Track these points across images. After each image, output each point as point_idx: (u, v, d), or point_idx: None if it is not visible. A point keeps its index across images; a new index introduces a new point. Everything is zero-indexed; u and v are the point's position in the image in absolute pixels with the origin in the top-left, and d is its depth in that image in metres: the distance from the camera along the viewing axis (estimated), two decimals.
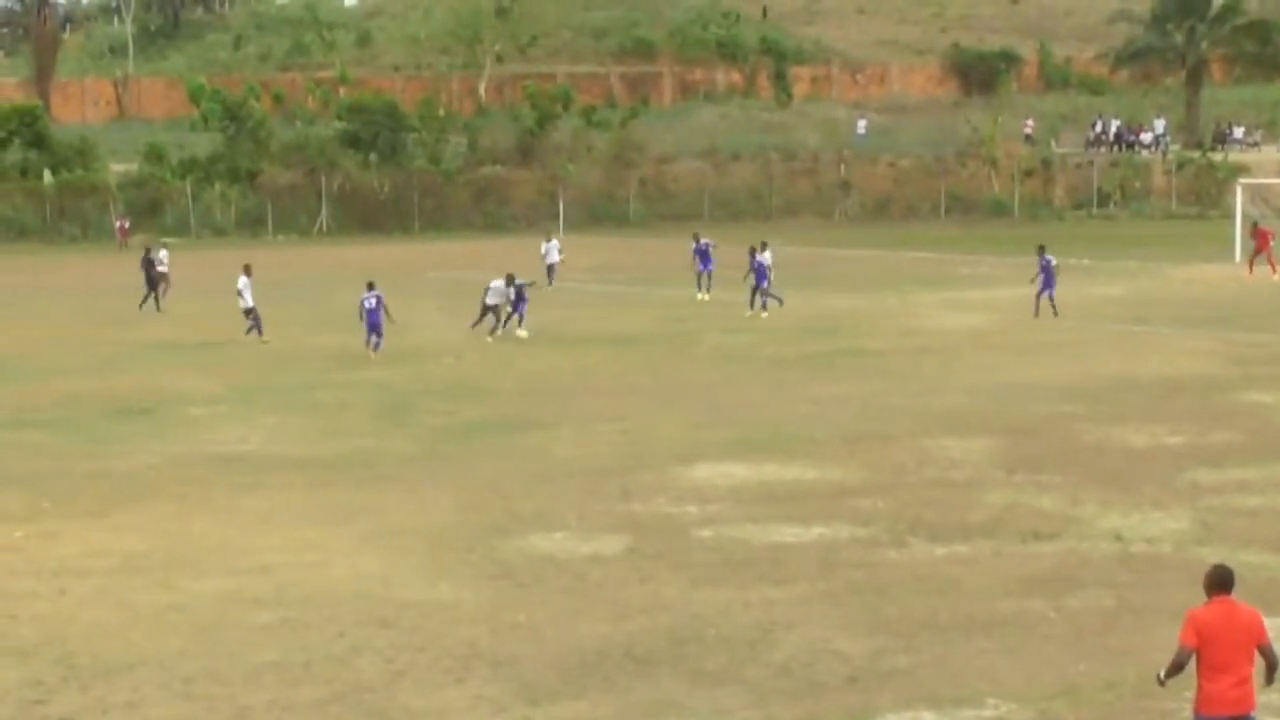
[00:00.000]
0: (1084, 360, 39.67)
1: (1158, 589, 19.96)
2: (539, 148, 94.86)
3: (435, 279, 61.76)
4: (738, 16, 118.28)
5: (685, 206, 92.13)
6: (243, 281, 45.09)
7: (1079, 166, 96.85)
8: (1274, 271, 58.27)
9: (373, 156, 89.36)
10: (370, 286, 42.34)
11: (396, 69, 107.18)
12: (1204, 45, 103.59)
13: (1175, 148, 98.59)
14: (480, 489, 26.56)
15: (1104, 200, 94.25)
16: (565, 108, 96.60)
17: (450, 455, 29.58)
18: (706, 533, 23.45)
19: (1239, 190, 69.34)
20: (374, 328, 41.92)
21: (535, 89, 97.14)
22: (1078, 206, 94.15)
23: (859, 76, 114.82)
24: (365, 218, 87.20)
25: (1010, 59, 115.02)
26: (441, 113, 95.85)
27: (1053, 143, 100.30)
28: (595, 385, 37.46)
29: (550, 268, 58.58)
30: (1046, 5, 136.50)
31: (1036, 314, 46.75)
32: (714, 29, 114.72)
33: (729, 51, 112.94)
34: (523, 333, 44.68)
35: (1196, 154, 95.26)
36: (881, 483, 26.57)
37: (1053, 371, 38.01)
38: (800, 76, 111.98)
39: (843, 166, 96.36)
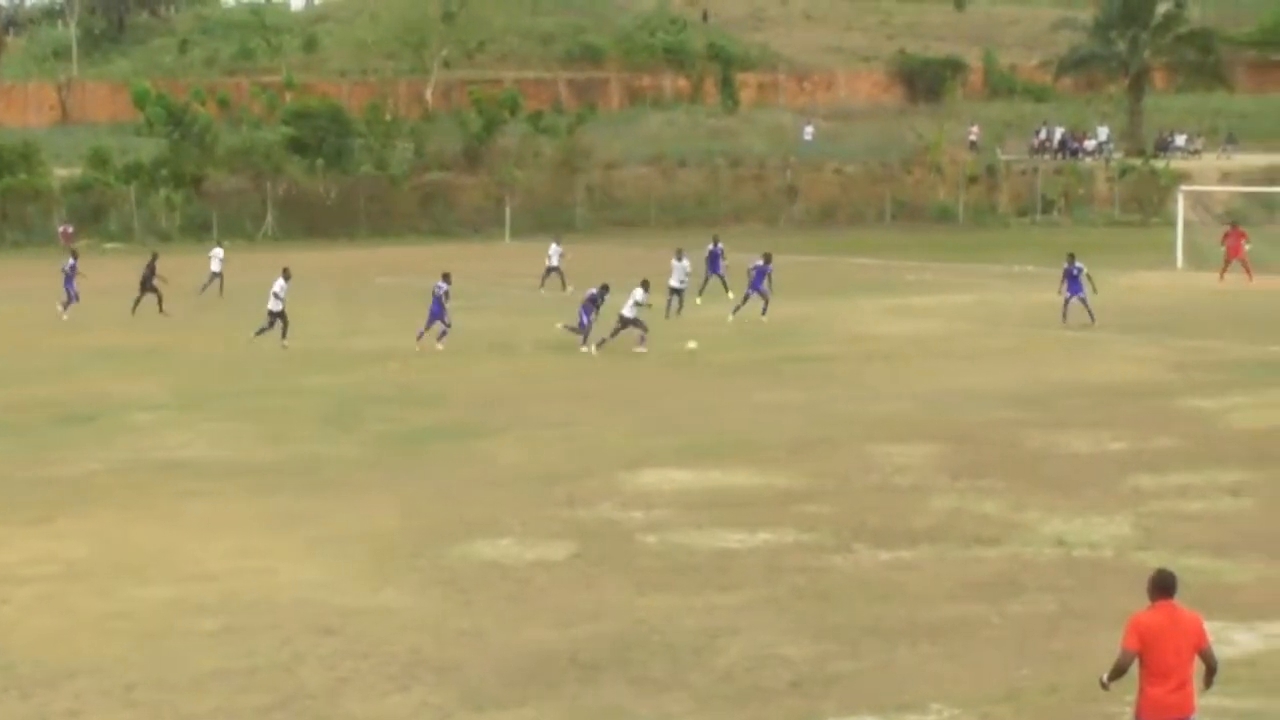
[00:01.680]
0: (1028, 366, 39.85)
1: (1100, 594, 20.07)
2: (486, 153, 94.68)
3: (383, 285, 61.59)
4: (685, 23, 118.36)
5: (632, 213, 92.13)
6: (280, 284, 44.74)
7: (1023, 173, 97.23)
8: (1249, 277, 58.62)
9: (319, 162, 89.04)
10: (446, 278, 43.60)
11: (343, 74, 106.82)
12: (1146, 54, 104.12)
13: (1118, 155, 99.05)
14: (426, 495, 26.54)
15: (1048, 207, 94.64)
16: (512, 113, 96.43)
17: (396, 462, 29.54)
18: (651, 539, 23.48)
19: (1180, 198, 69.69)
20: (436, 316, 43.17)
21: (482, 94, 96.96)
22: (1022, 213, 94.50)
23: (806, 83, 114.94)
24: (311, 223, 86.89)
25: (956, 66, 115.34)
26: (388, 118, 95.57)
27: (997, 150, 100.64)
28: (542, 391, 37.45)
29: (550, 270, 58.82)
30: (992, 13, 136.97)
31: (1065, 320, 46.66)
32: (661, 35, 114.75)
33: (676, 58, 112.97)
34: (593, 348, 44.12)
35: (1139, 161, 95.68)
36: (826, 488, 26.66)
37: (997, 378, 38.17)
38: (747, 83, 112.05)
39: (789, 173, 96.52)
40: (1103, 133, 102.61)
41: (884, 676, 17.52)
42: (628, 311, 42.83)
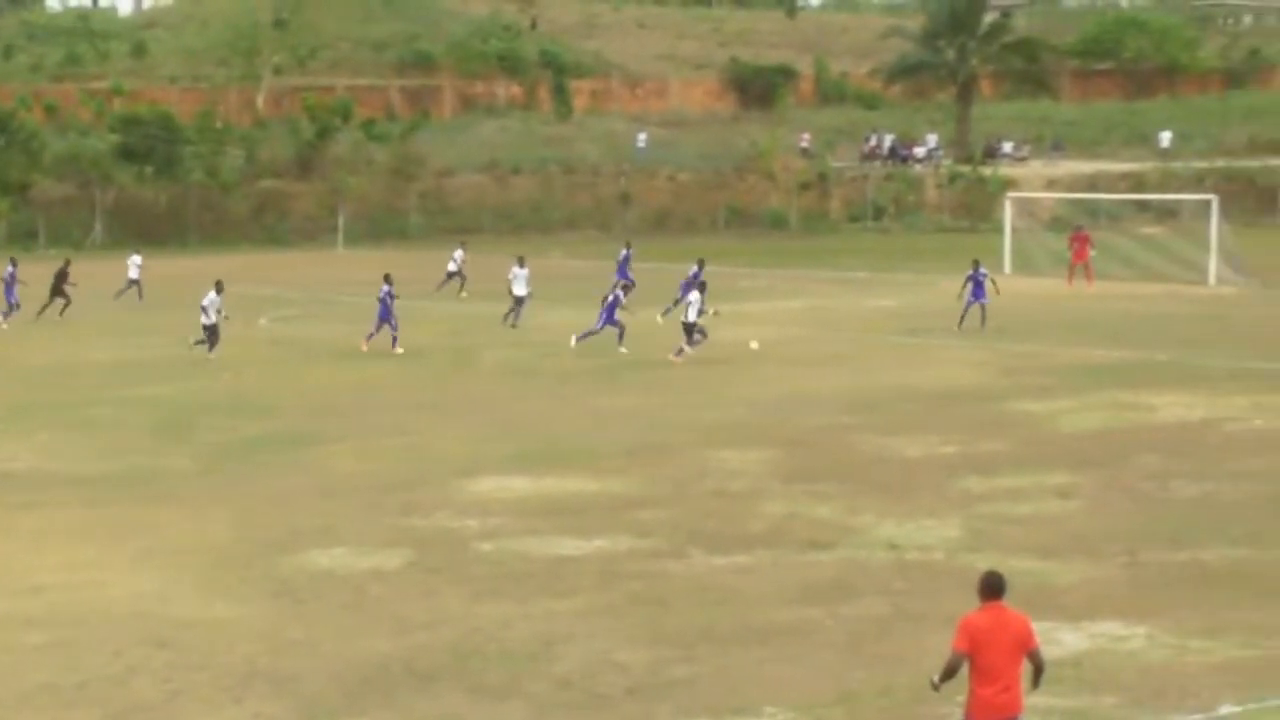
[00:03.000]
0: (860, 372, 40.25)
1: (931, 596, 20.33)
2: (318, 160, 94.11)
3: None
4: (518, 30, 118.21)
5: (466, 220, 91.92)
6: (210, 298, 44.00)
7: (854, 180, 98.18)
8: (1090, 283, 59.51)
9: (148, 169, 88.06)
10: (388, 279, 44.09)
11: (173, 81, 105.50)
12: (974, 62, 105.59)
13: (947, 162, 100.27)
14: (260, 505, 26.36)
15: (879, 213, 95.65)
16: (345, 120, 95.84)
17: (230, 472, 29.31)
18: (487, 546, 23.48)
19: (1008, 204, 70.72)
20: (384, 319, 43.95)
21: (314, 101, 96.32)
22: (853, 219, 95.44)
23: (638, 90, 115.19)
24: (141, 231, 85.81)
25: (787, 74, 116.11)
26: (219, 125, 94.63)
27: (829, 157, 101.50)
28: (378, 400, 37.32)
29: (450, 275, 58.99)
30: (823, 21, 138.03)
31: (961, 324, 47.40)
32: (494, 42, 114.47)
33: (509, 65, 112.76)
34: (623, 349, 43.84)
35: (967, 168, 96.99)
36: (662, 494, 26.78)
37: (830, 383, 38.53)
38: (580, 90, 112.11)
39: (623, 180, 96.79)
40: (932, 140, 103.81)
41: (719, 681, 17.64)
42: (691, 317, 42.71)
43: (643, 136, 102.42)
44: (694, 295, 43.09)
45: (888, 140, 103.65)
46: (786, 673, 17.89)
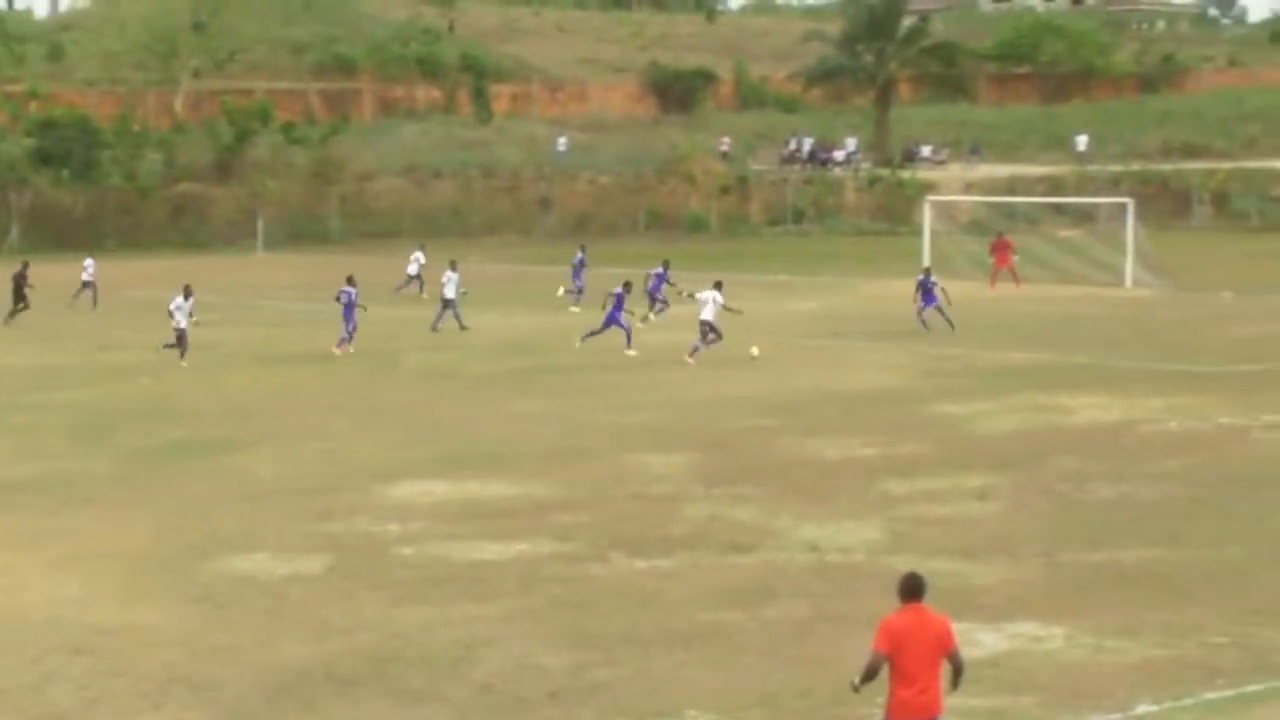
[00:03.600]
0: (781, 375, 40.37)
1: (852, 598, 20.42)
2: (238, 165, 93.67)
3: (133, 297, 60.55)
4: (438, 34, 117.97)
5: (387, 224, 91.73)
6: (177, 302, 43.60)
7: (774, 184, 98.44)
8: (1018, 284, 59.82)
9: (65, 173, 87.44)
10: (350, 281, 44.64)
11: (90, 84, 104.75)
12: (892, 66, 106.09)
13: (866, 165, 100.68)
14: (180, 510, 26.23)
15: (799, 217, 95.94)
16: (264, 124, 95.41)
17: (149, 477, 29.16)
18: (408, 551, 23.45)
19: (927, 207, 70.99)
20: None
21: (233, 105, 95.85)
22: (773, 223, 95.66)
23: (559, 94, 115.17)
24: (59, 235, 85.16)
25: (707, 77, 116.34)
26: (137, 129, 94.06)
27: (749, 160, 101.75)
28: (298, 405, 37.18)
29: (410, 279, 58.91)
30: (742, 25, 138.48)
31: (926, 327, 47.82)
32: (414, 46, 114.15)
33: (429, 69, 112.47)
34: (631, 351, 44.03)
35: (886, 172, 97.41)
36: (582, 498, 26.80)
37: (750, 386, 38.64)
38: (500, 94, 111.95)
39: (543, 184, 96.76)
40: (851, 143, 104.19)
41: (641, 684, 17.68)
42: (707, 315, 42.80)
43: (563, 140, 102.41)
44: (710, 294, 43.30)
45: (807, 144, 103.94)
46: (708, 675, 17.93)
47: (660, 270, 52.47)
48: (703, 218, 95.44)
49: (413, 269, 60.77)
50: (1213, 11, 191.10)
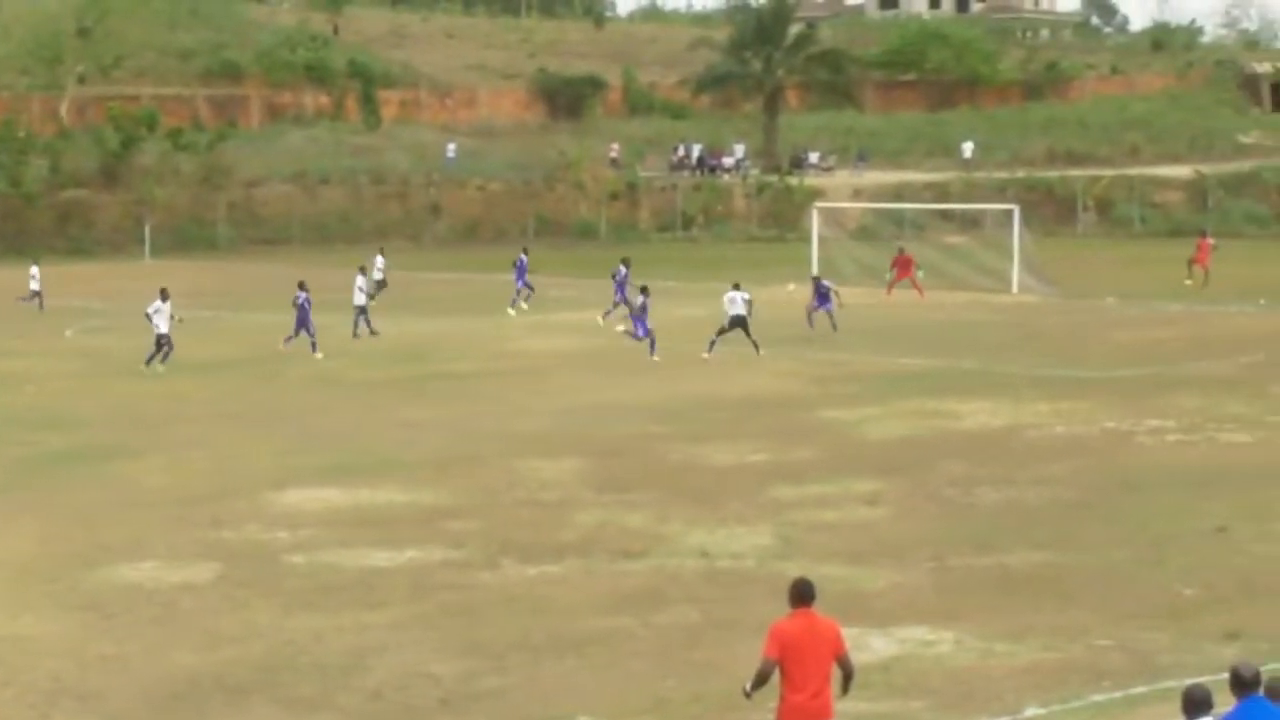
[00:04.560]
0: (670, 381, 40.46)
1: (742, 603, 20.50)
2: (124, 170, 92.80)
3: (20, 306, 59.83)
4: (326, 40, 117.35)
5: (275, 230, 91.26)
6: (155, 305, 43.09)
7: (663, 190, 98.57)
8: (920, 295, 60.13)
9: None
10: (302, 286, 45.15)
11: None
12: (780, 73, 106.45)
13: (755, 172, 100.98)
14: (66, 519, 26.00)
15: (688, 223, 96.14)
16: (151, 130, 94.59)
17: (34, 486, 28.88)
18: (298, 558, 23.35)
19: (815, 214, 71.27)
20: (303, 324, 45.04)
21: (119, 111, 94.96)
22: (663, 229, 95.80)
23: (448, 100, 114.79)
24: None
25: (596, 84, 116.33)
26: (21, 134, 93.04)
27: (638, 167, 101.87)
28: (185, 413, 36.92)
29: (376, 284, 58.95)
30: (630, 32, 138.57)
31: (811, 326, 49.66)
32: (302, 52, 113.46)
33: (317, 75, 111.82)
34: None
35: (775, 178, 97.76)
36: (473, 505, 26.78)
37: (640, 392, 38.71)
38: (389, 100, 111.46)
39: (432, 190, 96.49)
40: (739, 150, 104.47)
41: (531, 691, 17.69)
42: (739, 310, 43.98)
43: (452, 146, 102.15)
44: (737, 294, 44.46)
45: (696, 150, 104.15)
46: (599, 681, 17.97)
47: (623, 270, 52.92)
48: (592, 224, 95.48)
49: (377, 275, 60.14)
50: (1095, 20, 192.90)
